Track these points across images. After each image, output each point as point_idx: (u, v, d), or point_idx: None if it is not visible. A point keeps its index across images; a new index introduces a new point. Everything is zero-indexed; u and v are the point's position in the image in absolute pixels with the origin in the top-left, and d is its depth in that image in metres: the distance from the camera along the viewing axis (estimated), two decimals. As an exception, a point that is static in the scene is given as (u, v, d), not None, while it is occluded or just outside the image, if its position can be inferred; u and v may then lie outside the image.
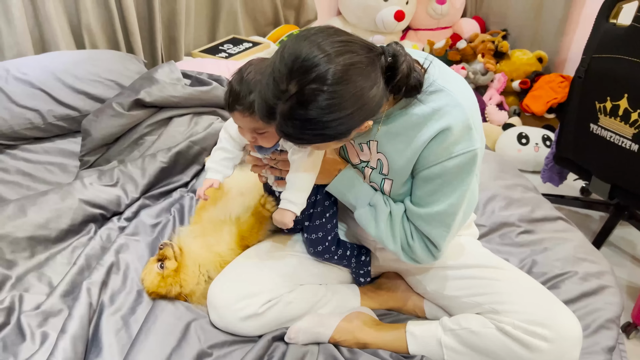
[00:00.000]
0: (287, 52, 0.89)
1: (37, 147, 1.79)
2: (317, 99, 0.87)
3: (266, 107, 0.91)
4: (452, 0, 3.25)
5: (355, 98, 0.89)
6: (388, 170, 1.11)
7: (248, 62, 1.09)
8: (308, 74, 0.86)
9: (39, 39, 2.05)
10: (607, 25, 1.88)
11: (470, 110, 1.03)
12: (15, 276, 1.31)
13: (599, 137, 1.94)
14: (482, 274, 1.22)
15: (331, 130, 0.91)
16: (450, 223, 1.09)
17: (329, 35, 0.90)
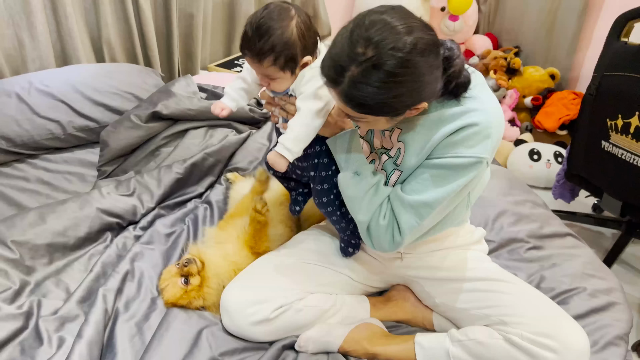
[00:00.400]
0: (367, 19, 0.92)
1: (57, 156, 1.84)
2: (392, 64, 0.91)
3: (336, 67, 0.94)
4: (464, 17, 3.28)
5: (424, 72, 0.94)
6: (401, 161, 1.13)
7: (265, 6, 1.07)
8: (387, 39, 0.90)
9: (61, 53, 2.11)
10: (618, 43, 1.90)
11: (494, 123, 1.05)
12: (34, 282, 1.35)
13: (611, 154, 1.94)
14: (491, 287, 1.24)
15: (395, 101, 0.95)
16: (423, 214, 1.08)
17: (406, 12, 0.94)
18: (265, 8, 1.06)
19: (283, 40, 1.03)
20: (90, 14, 2.15)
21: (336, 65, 0.94)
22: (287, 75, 1.08)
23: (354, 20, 0.95)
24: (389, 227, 1.12)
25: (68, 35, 2.06)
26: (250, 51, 1.05)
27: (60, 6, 2.00)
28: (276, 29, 1.03)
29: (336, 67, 0.94)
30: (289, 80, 1.10)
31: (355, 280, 1.36)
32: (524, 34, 3.26)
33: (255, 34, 1.03)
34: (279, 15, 1.04)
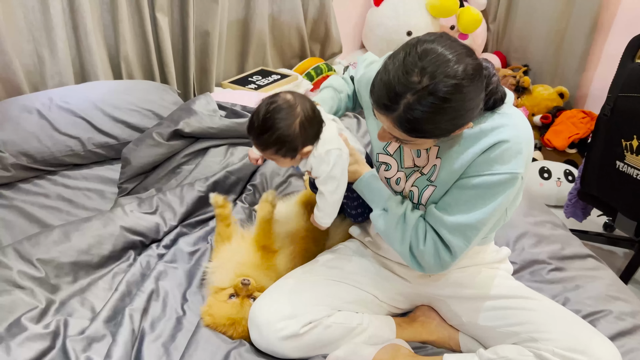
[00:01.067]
0: (419, 48, 0.98)
1: (76, 173, 1.84)
2: (446, 91, 0.96)
3: (390, 95, 0.99)
4: (474, 35, 3.32)
5: (473, 96, 1.00)
6: (436, 177, 1.17)
7: (274, 98, 1.17)
8: (441, 68, 0.96)
9: (80, 69, 2.13)
10: (633, 65, 1.92)
11: (525, 139, 1.11)
12: (59, 300, 1.35)
13: (625, 174, 1.95)
14: (518, 304, 1.25)
15: (447, 124, 1.02)
16: (471, 237, 1.13)
17: (453, 40, 1.01)
18: (273, 102, 1.16)
19: (285, 137, 1.15)
20: (109, 30, 2.17)
21: (390, 93, 0.99)
22: (287, 159, 1.21)
23: (405, 49, 1.00)
24: (434, 251, 1.16)
25: (87, 52, 2.08)
26: (255, 139, 1.19)
27: (81, 23, 2.02)
28: (280, 126, 1.14)
29: (390, 94, 0.99)
30: (289, 163, 1.23)
31: (381, 300, 1.36)
32: (532, 52, 3.29)
33: (261, 127, 1.15)
34: (285, 113, 1.15)
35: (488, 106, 1.10)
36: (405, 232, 1.18)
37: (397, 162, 1.27)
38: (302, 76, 2.76)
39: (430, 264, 1.17)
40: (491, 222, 1.14)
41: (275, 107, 1.15)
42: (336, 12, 3.05)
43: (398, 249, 1.21)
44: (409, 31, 3.11)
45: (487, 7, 3.44)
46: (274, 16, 2.79)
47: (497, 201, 1.10)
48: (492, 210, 1.11)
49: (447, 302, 1.34)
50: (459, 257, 1.16)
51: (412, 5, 3.12)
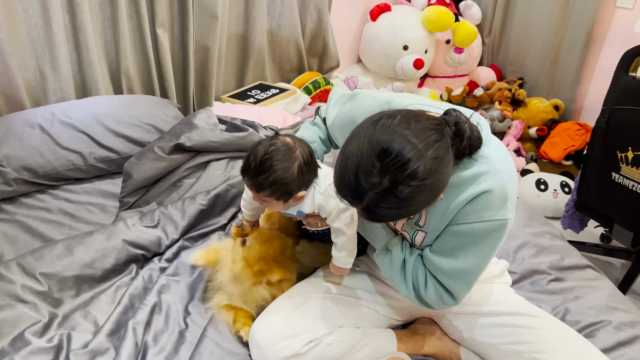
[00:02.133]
0: (377, 144, 0.93)
1: (78, 187, 1.85)
2: (409, 191, 0.93)
3: (352, 193, 0.96)
4: (469, 49, 3.36)
5: (440, 182, 0.96)
6: (424, 223, 1.15)
7: (273, 141, 1.16)
8: (401, 170, 0.91)
9: (81, 84, 2.14)
10: (627, 78, 1.95)
11: (508, 180, 1.07)
12: (62, 314, 1.35)
13: (621, 185, 1.98)
14: (519, 322, 1.25)
15: (414, 209, 0.98)
16: (471, 281, 1.14)
17: (411, 123, 0.94)
18: (272, 144, 1.14)
19: (282, 180, 1.13)
20: (110, 46, 2.19)
21: (352, 190, 0.96)
22: (280, 203, 1.18)
23: (364, 139, 0.95)
24: (437, 296, 1.16)
25: (89, 67, 2.09)
26: (250, 180, 1.16)
27: (83, 39, 2.04)
28: (278, 169, 1.12)
29: (352, 192, 0.96)
30: (282, 207, 1.21)
31: (381, 313, 1.37)
32: (527, 65, 3.34)
33: (258, 168, 1.13)
34: (283, 155, 1.13)
35: (465, 154, 1.04)
36: (407, 277, 1.18)
37: None
38: (300, 90, 2.79)
39: (436, 305, 1.18)
40: (488, 264, 1.14)
41: (274, 149, 1.13)
42: (334, 27, 3.09)
43: (404, 294, 1.20)
44: (405, 45, 3.15)
45: (482, 21, 3.49)
46: (273, 31, 2.83)
47: (490, 246, 1.10)
48: (487, 255, 1.11)
49: (449, 317, 1.35)
50: (463, 298, 1.16)
51: (408, 20, 3.16)
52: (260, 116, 2.20)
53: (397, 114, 0.96)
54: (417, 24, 3.18)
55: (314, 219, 1.27)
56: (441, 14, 3.14)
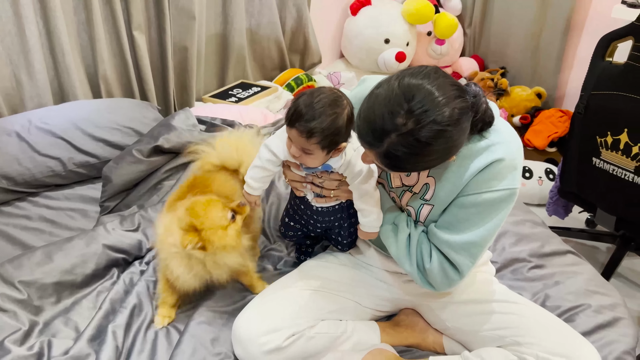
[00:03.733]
0: (407, 88, 0.97)
1: (58, 193, 1.84)
2: (430, 135, 0.96)
3: (375, 133, 0.99)
4: (451, 40, 3.37)
5: (458, 137, 0.99)
6: (432, 196, 1.17)
7: (319, 89, 1.14)
8: (427, 113, 0.95)
9: (58, 90, 2.13)
10: (604, 63, 1.96)
11: (517, 152, 1.12)
12: (43, 322, 1.34)
13: (602, 170, 1.99)
14: (502, 309, 1.27)
15: (431, 162, 1.02)
16: (476, 254, 1.15)
17: (440, 76, 0.98)
18: (320, 92, 1.12)
19: (334, 126, 1.10)
20: (87, 50, 2.18)
21: (375, 132, 0.99)
22: (323, 154, 1.15)
23: (393, 84, 0.98)
24: (441, 270, 1.17)
25: (65, 73, 2.08)
26: (301, 127, 1.10)
27: (58, 44, 2.03)
28: (330, 114, 1.10)
29: (375, 133, 0.99)
30: (322, 159, 1.17)
31: (364, 305, 1.37)
32: (509, 55, 3.35)
33: (310, 113, 1.10)
34: (334, 101, 1.11)
35: (477, 130, 1.09)
36: (412, 252, 1.19)
37: (386, 183, 1.28)
38: (282, 87, 2.79)
39: (439, 283, 1.18)
40: (494, 237, 1.16)
41: (325, 95, 1.11)
42: (314, 23, 3.08)
43: (408, 270, 1.21)
44: (387, 39, 3.15)
45: (463, 13, 3.49)
46: (252, 30, 2.82)
47: (498, 217, 1.12)
48: (494, 227, 1.13)
49: (432, 306, 1.36)
50: (467, 274, 1.17)
51: (388, 13, 3.16)
52: (241, 115, 2.19)
53: (426, 69, 1.00)
54: (398, 17, 3.18)
55: (334, 178, 1.24)
56: (421, 6, 3.14)
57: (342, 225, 1.36)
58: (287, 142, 1.18)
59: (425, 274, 1.19)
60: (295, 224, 1.42)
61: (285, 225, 1.44)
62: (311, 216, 1.35)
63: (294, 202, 1.38)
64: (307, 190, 1.28)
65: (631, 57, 1.85)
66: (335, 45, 3.42)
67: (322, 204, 1.30)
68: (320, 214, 1.33)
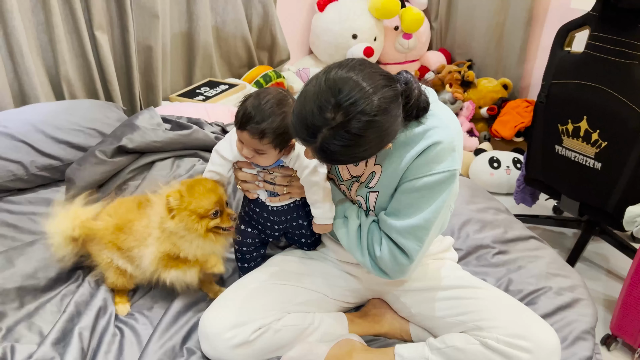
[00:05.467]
0: (333, 82, 0.99)
1: (21, 198, 1.80)
2: (360, 126, 0.97)
3: (308, 130, 1.00)
4: (417, 34, 3.40)
5: (389, 125, 1.01)
6: (376, 183, 1.20)
7: (265, 90, 1.18)
8: (354, 105, 0.97)
9: (19, 92, 2.09)
10: (562, 52, 2.01)
11: (456, 134, 1.14)
12: (6, 327, 1.32)
13: (565, 157, 2.04)
14: (464, 294, 1.29)
15: (365, 152, 1.03)
16: (423, 237, 1.17)
17: (366, 67, 1.01)
18: (267, 93, 1.16)
19: (285, 124, 1.15)
20: (47, 51, 2.14)
21: (308, 127, 1.00)
22: (276, 152, 1.20)
23: (321, 77, 1.00)
24: (391, 256, 1.18)
25: (25, 74, 2.04)
26: (252, 129, 1.14)
27: (16, 45, 1.98)
28: (279, 114, 1.15)
29: (308, 129, 1.00)
30: (275, 157, 1.22)
31: (331, 297, 1.38)
32: (474, 47, 3.39)
33: (260, 115, 1.14)
34: (281, 101, 1.16)
35: (413, 116, 1.11)
36: (362, 242, 1.21)
37: (336, 177, 1.30)
38: (250, 85, 2.78)
39: (391, 270, 1.20)
40: (439, 220, 1.18)
41: (272, 96, 1.15)
42: (282, 20, 3.08)
43: (360, 260, 1.23)
44: (354, 34, 3.16)
45: (429, 6, 3.53)
46: (218, 27, 2.80)
47: (440, 199, 1.14)
48: (437, 209, 1.15)
49: (397, 294, 1.37)
50: (416, 258, 1.18)
51: (355, 9, 3.17)
52: (207, 113, 2.18)
53: (352, 61, 1.02)
54: (364, 12, 3.19)
55: (285, 173, 1.27)
56: (387, 1, 3.15)
57: (302, 225, 1.37)
58: (238, 145, 1.21)
59: (377, 262, 1.21)
60: (253, 229, 1.40)
61: (242, 232, 1.40)
62: (267, 218, 1.35)
63: (248, 207, 1.38)
64: (261, 190, 1.30)
65: (588, 46, 1.89)
66: (304, 41, 3.42)
67: (276, 202, 1.31)
68: (277, 214, 1.34)
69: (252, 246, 1.42)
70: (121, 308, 1.40)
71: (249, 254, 1.44)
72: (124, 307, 1.40)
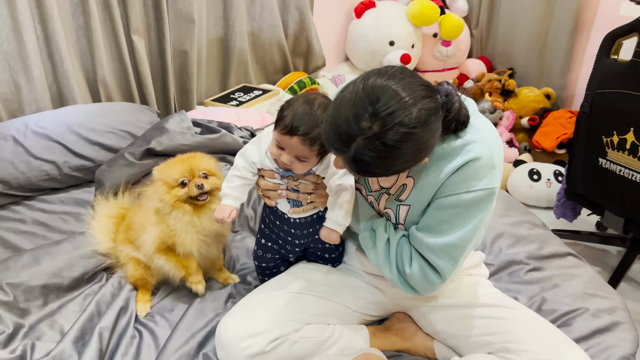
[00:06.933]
0: (371, 90, 0.94)
1: (53, 197, 1.84)
2: (397, 138, 0.93)
3: (342, 138, 0.95)
4: (457, 42, 3.32)
5: (427, 139, 0.96)
6: (407, 196, 1.14)
7: (313, 96, 1.13)
8: (392, 116, 0.92)
9: (57, 95, 2.14)
10: (609, 61, 1.91)
11: (496, 149, 1.08)
12: (29, 325, 1.34)
13: (609, 171, 1.93)
14: (493, 314, 1.22)
15: (400, 166, 0.98)
16: (457, 257, 1.10)
17: (407, 76, 0.96)
18: (315, 99, 1.12)
19: None
20: (86, 55, 2.19)
21: (342, 135, 0.95)
22: (317, 160, 1.16)
23: (357, 86, 0.95)
24: (422, 274, 1.13)
25: (64, 77, 2.09)
26: (304, 135, 1.09)
27: (56, 49, 2.04)
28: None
29: (342, 137, 0.96)
30: (313, 165, 1.18)
31: (353, 309, 1.34)
32: (516, 55, 3.29)
33: (313, 122, 1.09)
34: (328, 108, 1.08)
35: (452, 130, 1.06)
36: (391, 257, 1.16)
37: (364, 187, 1.25)
38: (284, 91, 2.77)
39: (421, 287, 1.14)
40: (475, 239, 1.12)
41: (320, 102, 1.11)
42: (318, 26, 3.07)
43: (388, 276, 1.18)
44: (392, 41, 3.12)
45: (469, 13, 3.45)
46: (254, 33, 2.81)
47: (477, 218, 1.08)
48: (474, 228, 1.09)
49: (422, 310, 1.32)
50: (448, 277, 1.12)
51: (393, 15, 3.13)
52: (238, 118, 2.18)
53: (392, 69, 0.97)
54: (402, 19, 3.14)
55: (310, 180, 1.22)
56: (426, 7, 3.10)
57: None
58: (275, 151, 1.16)
59: (407, 278, 1.15)
60: (273, 244, 1.36)
61: (262, 246, 1.37)
62: (288, 232, 1.30)
63: (269, 219, 1.33)
64: (282, 200, 1.25)
65: (636, 54, 1.79)
66: (340, 48, 3.40)
67: (299, 214, 1.26)
68: (298, 227, 1.29)
69: (271, 262, 1.39)
70: (141, 307, 1.40)
71: (269, 270, 1.40)
72: (143, 307, 1.40)
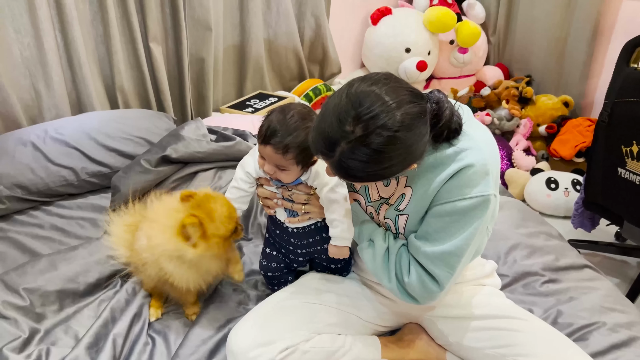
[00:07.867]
0: (355, 95, 0.95)
1: (71, 202, 1.86)
2: (380, 141, 0.93)
3: (326, 143, 0.96)
4: (474, 48, 3.30)
5: (412, 143, 0.96)
6: (406, 206, 1.14)
7: (289, 106, 1.16)
8: (375, 119, 0.92)
9: (76, 101, 2.18)
10: (628, 69, 1.88)
11: (490, 157, 1.07)
12: (44, 330, 1.35)
13: (628, 181, 1.90)
14: (506, 325, 1.21)
15: (386, 171, 0.98)
16: (454, 265, 1.10)
17: (392, 82, 0.97)
18: (291, 108, 1.15)
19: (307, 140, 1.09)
20: (104, 62, 2.22)
21: (326, 140, 0.96)
22: (297, 168, 1.17)
23: (342, 92, 0.97)
24: (420, 282, 1.13)
25: (83, 84, 2.12)
26: (276, 144, 1.12)
27: (75, 56, 2.07)
28: (304, 129, 1.12)
29: (326, 142, 0.96)
30: (296, 174, 1.19)
31: (365, 319, 1.33)
32: (534, 63, 3.26)
33: (284, 130, 1.11)
34: (306, 116, 1.14)
35: (444, 139, 1.06)
36: (390, 266, 1.16)
37: (364, 197, 1.25)
38: (300, 98, 2.78)
39: (419, 296, 1.14)
40: (472, 246, 1.11)
41: (296, 111, 1.14)
42: (334, 33, 3.07)
43: (387, 286, 1.18)
44: (408, 48, 3.11)
45: (487, 20, 3.42)
46: (270, 40, 2.83)
47: (473, 225, 1.07)
48: (470, 235, 1.08)
49: (434, 321, 1.30)
50: (447, 286, 1.12)
51: (409, 22, 3.13)
52: (253, 125, 2.18)
53: (376, 75, 0.98)
54: (419, 25, 3.13)
55: (303, 191, 1.24)
56: (442, 14, 3.09)
57: (327, 249, 1.30)
58: (260, 161, 1.19)
59: (405, 287, 1.15)
60: (277, 253, 1.38)
61: (267, 255, 1.39)
62: (289, 241, 1.32)
63: (271, 228, 1.36)
64: (280, 209, 1.27)
65: (657, 63, 1.76)
66: (356, 54, 3.40)
67: (295, 224, 1.28)
68: (297, 237, 1.30)
69: (277, 271, 1.39)
70: (152, 312, 1.41)
71: (276, 279, 1.41)
72: (155, 311, 1.41)
